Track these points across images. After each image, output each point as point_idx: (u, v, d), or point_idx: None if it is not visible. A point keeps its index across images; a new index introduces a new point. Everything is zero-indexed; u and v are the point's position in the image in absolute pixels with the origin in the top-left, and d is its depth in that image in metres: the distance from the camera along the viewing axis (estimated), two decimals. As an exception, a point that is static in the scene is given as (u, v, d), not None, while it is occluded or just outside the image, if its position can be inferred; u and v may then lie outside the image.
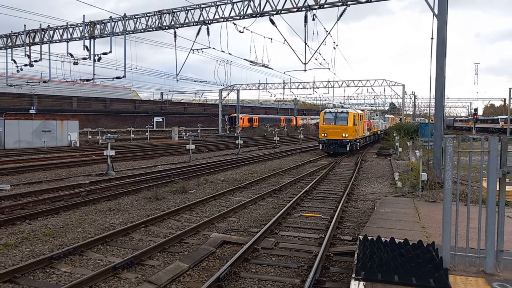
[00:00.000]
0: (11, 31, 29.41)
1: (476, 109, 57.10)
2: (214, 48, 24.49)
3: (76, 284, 6.34)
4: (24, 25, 28.71)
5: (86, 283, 6.48)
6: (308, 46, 22.27)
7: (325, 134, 29.76)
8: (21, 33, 28.95)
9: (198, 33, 24.68)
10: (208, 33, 24.40)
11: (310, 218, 11.19)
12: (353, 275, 5.74)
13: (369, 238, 7.11)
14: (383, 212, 10.34)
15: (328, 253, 8.18)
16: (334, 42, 28.17)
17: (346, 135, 28.94)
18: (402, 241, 6.81)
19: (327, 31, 22.52)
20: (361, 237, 7.38)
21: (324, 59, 24.91)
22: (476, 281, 5.55)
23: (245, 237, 9.23)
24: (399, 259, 5.92)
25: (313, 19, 20.99)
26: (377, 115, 50.29)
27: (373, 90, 62.96)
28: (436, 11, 14.90)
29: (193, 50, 26.16)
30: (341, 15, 19.79)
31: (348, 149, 28.93)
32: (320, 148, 30.29)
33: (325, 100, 69.99)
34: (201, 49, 25.96)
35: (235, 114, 65.30)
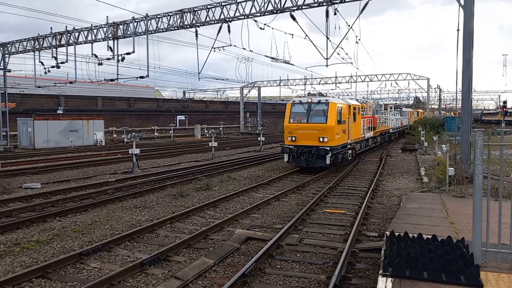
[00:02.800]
0: (38, 34, 30.20)
1: (505, 102, 55.09)
2: (235, 46, 24.53)
3: (105, 280, 6.49)
4: (51, 27, 29.44)
5: (114, 278, 6.62)
6: (330, 41, 22.03)
7: (293, 138, 18.19)
8: (48, 35, 29.70)
9: (219, 31, 24.75)
10: (229, 31, 24.43)
11: (335, 215, 11.09)
12: (380, 271, 5.66)
13: (396, 234, 6.99)
14: (410, 208, 10.15)
15: (354, 249, 8.09)
16: (356, 36, 26.38)
17: (325, 140, 17.50)
18: (430, 237, 6.67)
19: (349, 26, 22.20)
20: (387, 233, 7.27)
21: (347, 54, 24.57)
22: (508, 278, 5.38)
23: (269, 234, 9.23)
24: (427, 256, 5.80)
25: (335, 14, 20.73)
26: (390, 108, 41.75)
27: (397, 84, 61.76)
28: (462, 2, 14.46)
29: (214, 48, 26.28)
30: (363, 9, 19.47)
31: (328, 161, 17.45)
32: (286, 160, 18.60)
33: (347, 95, 69.13)
34: (222, 47, 26.03)
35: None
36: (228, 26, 24.25)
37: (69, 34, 28.99)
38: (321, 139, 17.46)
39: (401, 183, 15.92)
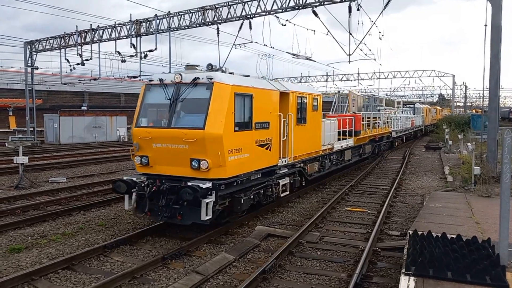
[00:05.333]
0: (64, 32, 30.90)
1: (534, 99, 53.22)
2: (256, 42, 24.50)
3: (128, 273, 6.62)
4: (76, 26, 30.07)
5: (137, 272, 6.74)
6: (352, 36, 21.75)
7: (144, 160, 8.88)
8: (73, 33, 30.35)
9: (240, 28, 24.75)
10: (250, 28, 24.41)
11: (356, 213, 10.98)
12: (403, 270, 5.59)
13: (419, 233, 6.88)
14: (433, 207, 9.96)
15: (375, 248, 7.99)
16: (379, 32, 25.82)
17: (203, 164, 8.14)
18: (454, 236, 6.54)
19: (372, 21, 21.87)
20: (410, 232, 7.16)
21: (370, 50, 24.16)
22: (537, 281, 5.17)
23: (290, 231, 9.21)
24: (452, 255, 5.69)
25: (358, 9, 20.44)
26: (398, 104, 36.23)
27: (420, 81, 60.56)
28: (490, -5, 14.02)
29: (235, 45, 26.34)
30: (387, 3, 19.14)
31: (206, 215, 7.86)
32: (128, 205, 8.78)
33: (370, 91, 68.21)
34: (244, 43, 26.02)
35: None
36: (250, 23, 24.24)
37: (93, 32, 29.56)
38: (194, 164, 8.15)
39: (424, 182, 15.62)
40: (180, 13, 26.60)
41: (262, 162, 9.70)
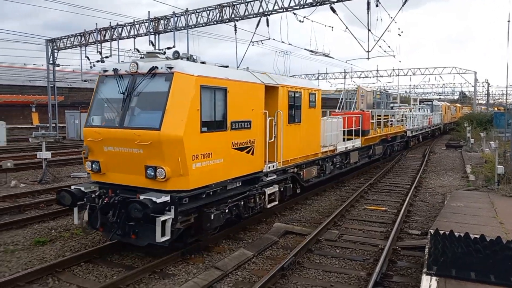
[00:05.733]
0: (85, 30, 31.41)
1: (560, 97, 51.62)
2: (274, 39, 24.45)
3: (148, 267, 6.71)
4: (96, 23, 30.53)
5: (157, 266, 6.84)
6: (371, 33, 21.48)
7: (94, 166, 7.50)
8: (93, 31, 30.83)
9: (257, 25, 24.71)
10: (268, 24, 24.37)
11: (375, 211, 10.87)
12: (424, 270, 5.51)
13: (441, 232, 6.77)
14: (455, 206, 9.78)
15: (395, 247, 7.90)
16: (399, 28, 25.52)
17: (160, 173, 6.65)
18: (478, 236, 6.41)
19: (391, 17, 21.56)
20: (432, 231, 7.06)
21: (389, 46, 23.82)
22: None
23: (308, 228, 9.19)
24: (475, 255, 5.58)
25: (377, 5, 20.17)
26: (415, 101, 33.72)
27: (441, 78, 59.40)
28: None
29: (252, 42, 26.33)
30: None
31: (162, 236, 6.41)
32: (78, 220, 7.53)
33: (389, 89, 67.32)
34: (261, 40, 26.00)
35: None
36: (267, 20, 24.18)
37: (112, 30, 29.96)
38: (150, 172, 6.76)
39: (445, 181, 15.35)
40: (198, 11, 26.72)
41: (241, 169, 8.19)
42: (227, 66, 8.75)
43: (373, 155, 17.55)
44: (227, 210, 7.81)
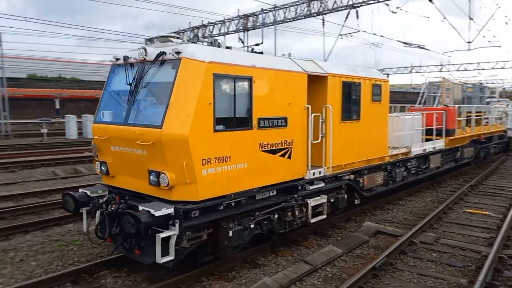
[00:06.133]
0: (179, 28, 33.34)
1: None
2: (364, 31, 23.65)
3: (241, 256, 6.94)
4: (189, 22, 32.23)
5: (248, 256, 7.05)
6: (473, 22, 19.70)
7: (103, 169, 6.73)
8: (186, 30, 32.59)
9: (346, 17, 24.08)
10: (357, 17, 23.61)
11: (477, 216, 10.00)
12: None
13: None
14: None
15: (501, 255, 7.21)
16: (505, 16, 23.05)
17: (163, 180, 5.64)
18: None
19: (497, 4, 19.54)
20: (548, 241, 6.29)
21: (494, 36, 21.64)
22: None
23: (401, 229, 8.78)
24: None
25: (482, -9, 18.42)
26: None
27: (557, 69, 52.38)
28: None
29: (341, 35, 25.72)
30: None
31: (165, 255, 5.48)
32: (84, 226, 6.86)
33: (492, 83, 61.31)
34: (350, 33, 25.31)
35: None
36: (357, 12, 23.44)
37: (204, 28, 31.38)
38: (153, 178, 5.82)
39: (562, 185, 13.58)
40: (286, 6, 26.81)
41: (274, 175, 6.89)
42: (284, 55, 7.78)
43: (461, 159, 14.89)
44: (252, 225, 6.54)
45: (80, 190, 6.76)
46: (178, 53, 5.72)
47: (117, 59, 6.73)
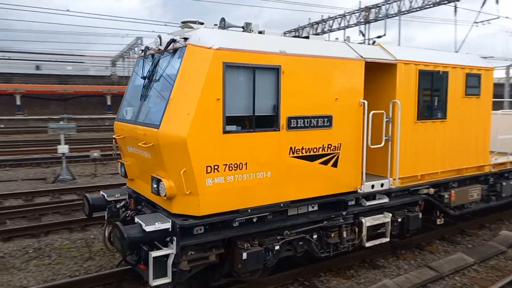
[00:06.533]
0: (299, 25, 33.70)
1: None
2: (507, 17, 20.94)
3: (359, 255, 6.86)
4: (309, 18, 32.34)
5: (367, 255, 6.92)
6: None
7: (122, 169, 6.19)
8: (306, 26, 32.77)
9: (484, 3, 21.60)
10: (497, 1, 20.99)
11: None
12: None
13: None
14: None
15: None
16: None
17: (161, 189, 5.00)
18: None
19: None
20: None
21: None
22: None
23: (548, 242, 7.68)
24: None
25: None
26: None
27: None
28: None
29: (476, 22, 23.15)
30: None
31: (161, 277, 4.76)
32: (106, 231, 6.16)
33: None
34: (487, 20, 22.66)
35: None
36: (498, -5, 20.86)
37: (324, 23, 31.19)
38: (153, 185, 5.12)
39: None
40: (413, -5, 25.16)
41: (310, 188, 5.61)
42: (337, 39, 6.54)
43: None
44: (278, 247, 5.37)
45: (101, 192, 6.30)
46: (185, 39, 4.94)
47: (141, 51, 6.00)
